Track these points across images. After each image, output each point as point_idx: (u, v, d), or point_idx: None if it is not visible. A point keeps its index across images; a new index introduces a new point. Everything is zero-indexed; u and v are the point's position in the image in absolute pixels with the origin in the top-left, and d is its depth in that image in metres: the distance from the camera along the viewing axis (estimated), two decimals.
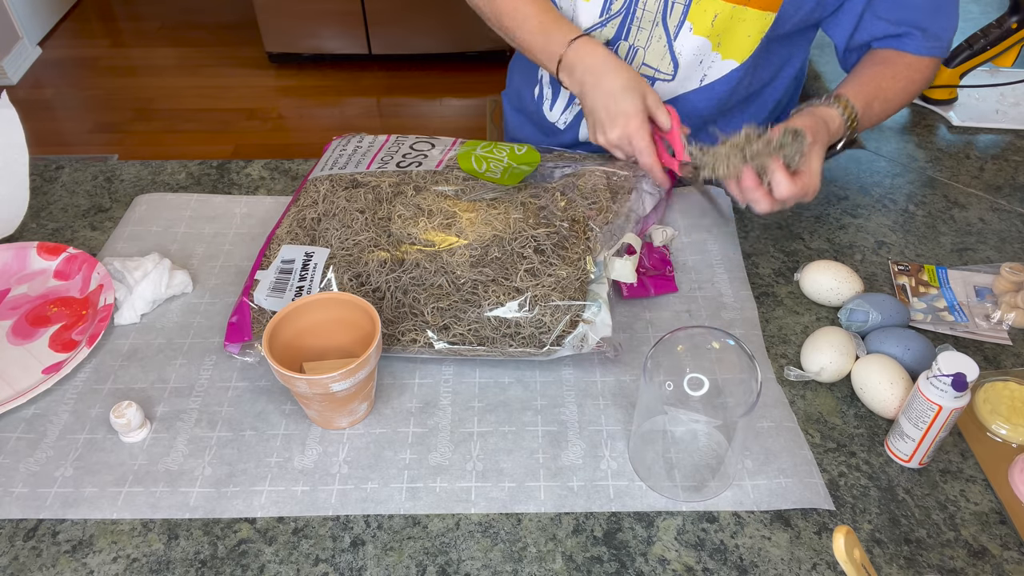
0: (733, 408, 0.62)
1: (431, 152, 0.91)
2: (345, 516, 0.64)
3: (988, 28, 1.08)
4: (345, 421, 0.70)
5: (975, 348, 0.78)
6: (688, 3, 0.85)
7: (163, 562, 0.61)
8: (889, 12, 0.86)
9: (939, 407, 0.61)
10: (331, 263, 0.77)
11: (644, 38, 0.90)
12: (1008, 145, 1.07)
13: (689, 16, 0.86)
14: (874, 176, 1.01)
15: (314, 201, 0.85)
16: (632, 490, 0.66)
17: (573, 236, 0.78)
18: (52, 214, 0.95)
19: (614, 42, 0.92)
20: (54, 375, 0.73)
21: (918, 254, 0.89)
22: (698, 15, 0.86)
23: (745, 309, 0.81)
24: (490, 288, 0.73)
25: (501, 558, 0.61)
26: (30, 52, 3.29)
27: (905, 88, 0.89)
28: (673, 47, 0.89)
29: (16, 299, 0.83)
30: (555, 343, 0.71)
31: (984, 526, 0.63)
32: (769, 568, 0.60)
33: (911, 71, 0.88)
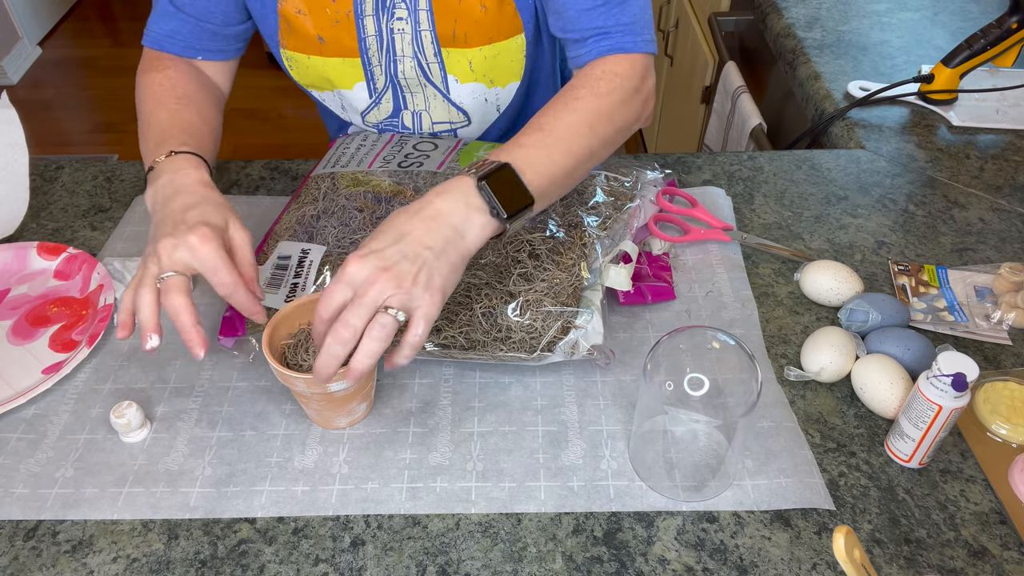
0: (733, 408, 0.62)
1: (433, 153, 0.91)
2: (345, 516, 0.64)
3: (988, 28, 1.08)
4: (344, 421, 0.70)
5: (975, 348, 0.78)
6: (440, 61, 0.85)
7: (163, 562, 0.61)
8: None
9: (939, 407, 0.61)
10: (327, 261, 0.77)
11: (421, 101, 0.91)
12: (1008, 145, 1.07)
13: (448, 70, 0.87)
14: (874, 176, 1.01)
15: (315, 199, 0.85)
16: (632, 490, 0.66)
17: (569, 242, 0.77)
18: (52, 214, 0.95)
19: (396, 113, 0.93)
20: (54, 375, 0.73)
21: (918, 254, 0.89)
22: (454, 67, 0.86)
23: (745, 309, 0.81)
24: (483, 291, 0.73)
25: (501, 558, 0.61)
26: (30, 52, 3.29)
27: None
28: (451, 100, 0.90)
29: (16, 299, 0.83)
30: (546, 349, 0.71)
31: (984, 526, 0.63)
32: (769, 568, 0.60)
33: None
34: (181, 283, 0.62)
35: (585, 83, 0.74)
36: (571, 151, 0.69)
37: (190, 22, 0.84)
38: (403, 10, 0.82)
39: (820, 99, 1.19)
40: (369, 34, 0.84)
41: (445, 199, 0.63)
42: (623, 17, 0.76)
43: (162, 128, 0.76)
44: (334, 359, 0.59)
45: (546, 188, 0.67)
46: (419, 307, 0.59)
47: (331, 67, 0.88)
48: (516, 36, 0.85)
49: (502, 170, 0.64)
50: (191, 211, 0.65)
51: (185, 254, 0.62)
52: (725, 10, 1.73)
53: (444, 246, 0.61)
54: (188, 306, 0.62)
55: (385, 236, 0.61)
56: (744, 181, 1.00)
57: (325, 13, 0.83)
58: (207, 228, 0.63)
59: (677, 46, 2.09)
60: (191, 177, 0.70)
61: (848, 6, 1.41)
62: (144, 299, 0.62)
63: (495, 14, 0.82)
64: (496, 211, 0.63)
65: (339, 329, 0.58)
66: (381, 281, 0.58)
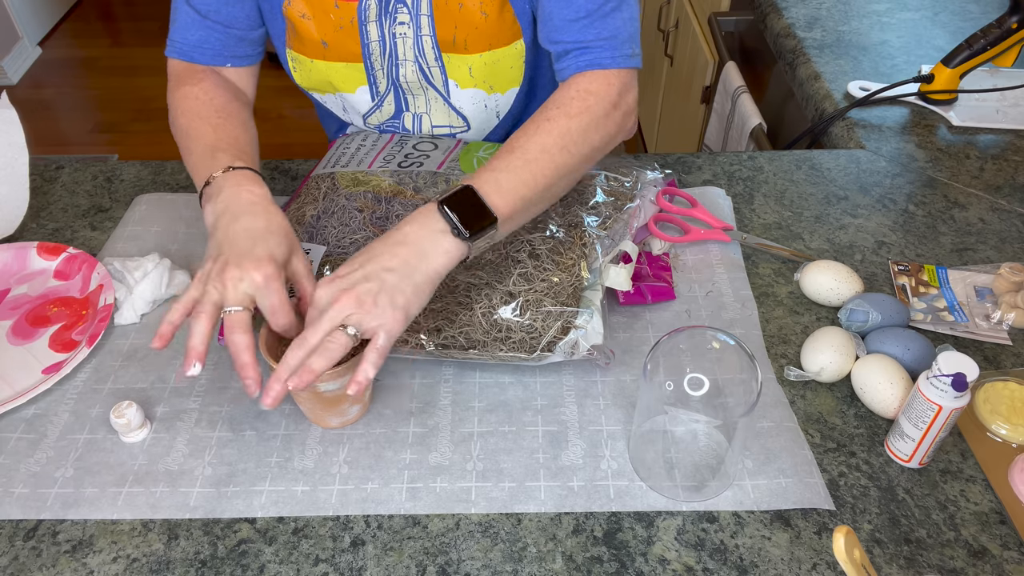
0: (733, 408, 0.62)
1: (433, 153, 0.91)
2: (345, 516, 0.64)
3: (988, 28, 1.08)
4: (336, 421, 0.70)
5: (975, 348, 0.78)
6: (441, 65, 0.86)
7: (163, 562, 0.61)
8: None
9: (939, 407, 0.61)
10: (327, 261, 0.77)
11: (423, 104, 0.91)
12: (1008, 145, 1.07)
13: (448, 75, 0.87)
14: (874, 176, 1.01)
15: (315, 198, 0.85)
16: (632, 490, 0.66)
17: (569, 241, 0.77)
18: (52, 214, 0.95)
19: (398, 115, 0.93)
20: (54, 375, 0.73)
21: (918, 254, 0.89)
22: (455, 72, 0.87)
23: (745, 309, 0.81)
24: (483, 291, 0.73)
25: (501, 558, 0.61)
26: (30, 52, 3.29)
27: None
28: (452, 104, 0.91)
29: (16, 299, 0.83)
30: (546, 349, 0.71)
31: (984, 526, 0.63)
32: (769, 568, 0.60)
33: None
34: (245, 320, 0.63)
35: (559, 103, 0.75)
36: (542, 172, 0.71)
37: (217, 29, 0.83)
38: (405, 14, 0.82)
39: (820, 99, 1.19)
40: (372, 39, 0.84)
41: (411, 225, 0.66)
42: (604, 31, 0.77)
43: (209, 142, 0.75)
44: (287, 369, 0.60)
45: (516, 207, 0.69)
46: (380, 324, 0.61)
47: (334, 71, 0.88)
48: (515, 42, 0.85)
49: (463, 192, 0.67)
50: (259, 242, 0.65)
51: (249, 289, 0.63)
52: (725, 10, 1.73)
53: (407, 268, 0.63)
54: (251, 345, 0.62)
55: (353, 262, 0.64)
56: (744, 181, 1.00)
57: (329, 19, 0.83)
58: (272, 265, 0.64)
59: (677, 46, 2.09)
60: (255, 195, 0.70)
61: (848, 6, 1.41)
62: (202, 327, 0.62)
63: (495, 20, 0.82)
64: (458, 231, 0.65)
65: (297, 343, 0.61)
66: (341, 301, 0.61)
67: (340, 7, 0.82)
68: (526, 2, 0.82)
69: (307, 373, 0.60)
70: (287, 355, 0.60)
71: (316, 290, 0.63)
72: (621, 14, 0.77)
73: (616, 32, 0.77)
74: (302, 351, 0.60)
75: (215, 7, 0.82)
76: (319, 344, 0.61)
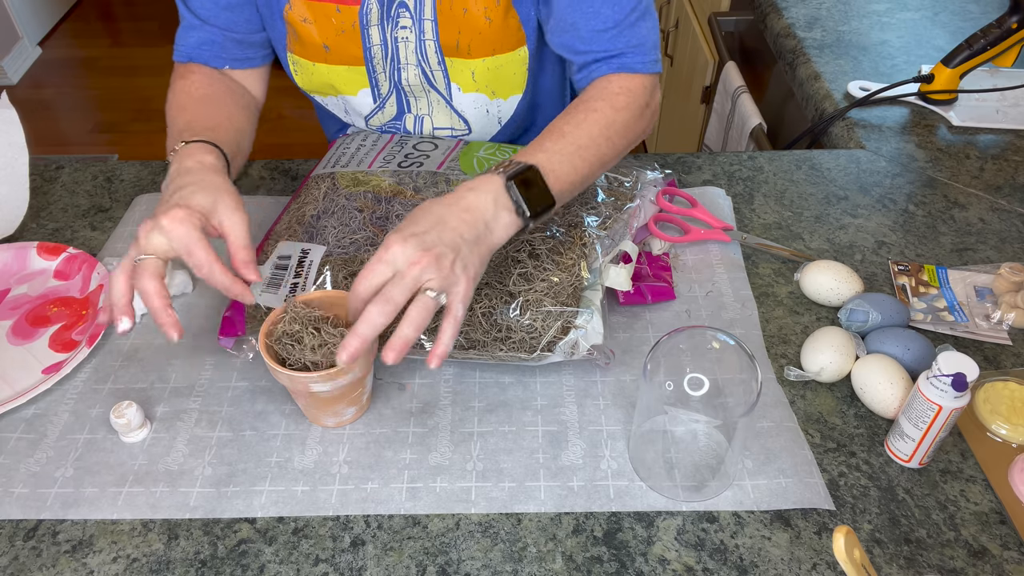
0: (733, 408, 0.62)
1: (433, 153, 0.91)
2: (345, 516, 0.64)
3: (988, 28, 1.08)
4: (331, 421, 0.70)
5: (975, 348, 0.78)
6: (444, 68, 0.86)
7: (163, 562, 0.61)
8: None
9: (939, 407, 0.61)
10: (327, 261, 0.77)
11: (424, 106, 0.92)
12: (1008, 145, 1.07)
13: (451, 79, 0.87)
14: (874, 176, 1.01)
15: (315, 198, 0.85)
16: (632, 490, 0.66)
17: (569, 241, 0.77)
18: (52, 214, 0.95)
19: (400, 116, 0.93)
20: (54, 375, 0.73)
21: (918, 254, 0.89)
22: (458, 76, 0.87)
23: (745, 309, 0.81)
24: (483, 291, 0.73)
25: (501, 558, 0.61)
26: (30, 52, 3.29)
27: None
28: (454, 107, 0.91)
29: (16, 299, 0.83)
30: (546, 348, 0.71)
31: (984, 526, 0.63)
32: (769, 568, 0.60)
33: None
34: (152, 265, 0.62)
35: (603, 95, 0.77)
36: (588, 159, 0.72)
37: (216, 33, 0.84)
38: (407, 19, 0.82)
39: (820, 99, 1.19)
40: (374, 43, 0.84)
41: (476, 194, 0.65)
42: (633, 39, 0.79)
43: (183, 126, 0.77)
44: (373, 329, 0.59)
45: (564, 191, 0.70)
46: (456, 291, 0.61)
47: (336, 74, 0.88)
48: (519, 49, 0.85)
49: (529, 172, 0.67)
50: (176, 193, 0.65)
51: (158, 236, 0.62)
52: (725, 10, 1.73)
53: (476, 237, 0.63)
54: (158, 289, 0.61)
55: (424, 221, 0.62)
56: (744, 181, 1.00)
57: (331, 23, 0.83)
58: (181, 209, 0.63)
59: (677, 46, 2.09)
60: (194, 161, 0.70)
61: (848, 6, 1.41)
62: (115, 282, 0.62)
63: (499, 26, 0.82)
64: (521, 210, 0.66)
65: (381, 302, 0.59)
66: (424, 263, 0.59)
67: (342, 11, 0.82)
68: (531, 9, 0.82)
69: (402, 345, 0.59)
70: (369, 314, 0.58)
71: (389, 245, 0.60)
72: (646, 23, 0.80)
73: (643, 40, 0.80)
74: (388, 307, 0.58)
75: (213, 12, 0.83)
76: (403, 303, 0.59)
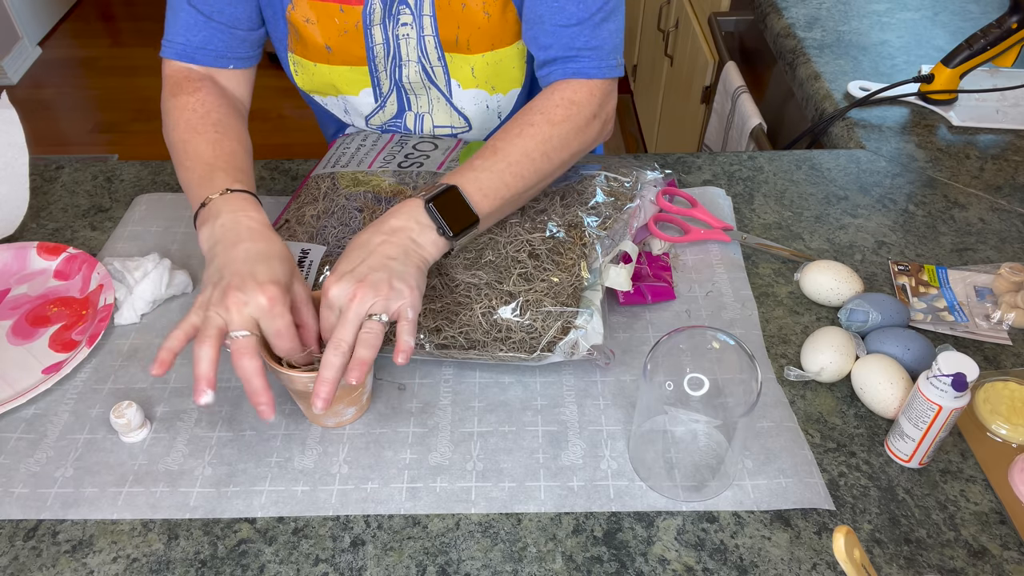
0: (733, 408, 0.62)
1: (433, 153, 0.91)
2: (345, 516, 0.64)
3: (988, 28, 1.08)
4: (331, 421, 0.70)
5: (975, 348, 0.78)
6: (444, 65, 0.86)
7: (163, 562, 0.61)
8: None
9: (939, 407, 0.61)
10: (327, 261, 0.77)
11: (425, 104, 0.92)
12: (1008, 145, 1.07)
13: (451, 75, 0.88)
14: (874, 176, 1.01)
15: (315, 198, 0.85)
16: (632, 490, 0.66)
17: (569, 242, 0.77)
18: (52, 214, 0.95)
19: (400, 114, 0.94)
20: (54, 375, 0.73)
21: (918, 254, 0.89)
22: (457, 72, 0.87)
23: (745, 309, 0.81)
24: (483, 291, 0.73)
25: (501, 558, 0.61)
26: (30, 52, 3.29)
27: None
28: (453, 104, 0.91)
29: (16, 299, 0.83)
30: (546, 349, 0.71)
31: (984, 526, 0.63)
32: (769, 568, 0.60)
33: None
34: (253, 345, 0.62)
35: (542, 109, 0.77)
36: (522, 175, 0.73)
37: (222, 30, 0.82)
38: (408, 16, 0.82)
39: (820, 99, 1.19)
40: (377, 43, 0.84)
41: (398, 218, 0.68)
42: (593, 40, 0.78)
43: (207, 160, 0.74)
44: (335, 371, 0.61)
45: (495, 208, 0.72)
46: (401, 303, 0.63)
47: (338, 75, 0.88)
48: (518, 42, 0.85)
49: (449, 192, 0.69)
50: (260, 265, 0.64)
51: (255, 313, 0.62)
52: (725, 10, 1.73)
53: (404, 254, 0.66)
54: (261, 370, 0.62)
55: (352, 256, 0.66)
56: (744, 181, 1.00)
57: (334, 23, 0.83)
58: (277, 289, 0.63)
59: (677, 46, 2.09)
60: (255, 221, 0.69)
61: (848, 6, 1.41)
62: (207, 354, 0.61)
63: (498, 21, 0.82)
64: (442, 230, 0.68)
65: (332, 345, 0.62)
66: (359, 294, 0.63)
67: (345, 11, 0.82)
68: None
69: (361, 366, 0.61)
70: (327, 357, 0.61)
71: (327, 290, 0.64)
72: (609, 25, 0.79)
73: (603, 42, 0.79)
74: (340, 350, 0.61)
75: (219, 7, 0.81)
76: (355, 339, 0.62)
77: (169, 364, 0.62)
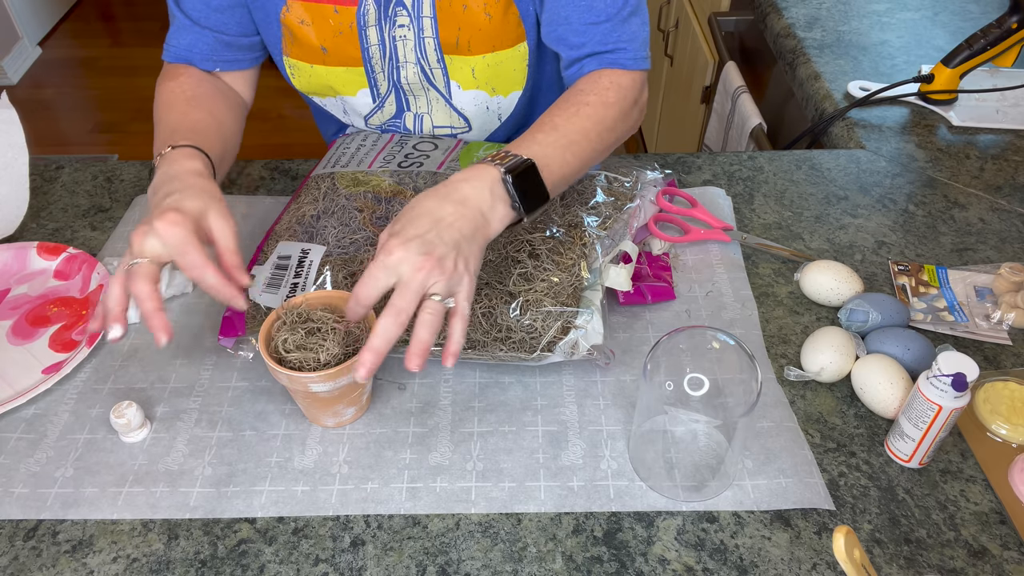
0: (733, 408, 0.62)
1: (433, 153, 0.91)
2: (345, 516, 0.64)
3: (988, 28, 1.08)
4: (331, 421, 0.70)
5: (975, 348, 0.78)
6: (444, 66, 0.86)
7: (163, 562, 0.61)
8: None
9: (939, 407, 0.61)
10: (327, 261, 0.77)
11: (424, 104, 0.92)
12: (1008, 145, 1.07)
13: (451, 76, 0.87)
14: (874, 176, 1.01)
15: (315, 198, 0.85)
16: (632, 490, 0.66)
17: (569, 241, 0.77)
18: (52, 214, 0.95)
19: (399, 115, 0.93)
20: (54, 375, 0.73)
21: (918, 254, 0.89)
22: (457, 73, 0.87)
23: (745, 309, 0.81)
24: (482, 291, 0.73)
25: (501, 558, 0.61)
26: (30, 52, 3.29)
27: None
28: (453, 104, 0.91)
29: (16, 299, 0.83)
30: (546, 349, 0.71)
31: (984, 526, 0.63)
32: (769, 568, 0.60)
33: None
34: (146, 269, 0.62)
35: (594, 90, 0.76)
36: (579, 154, 0.72)
37: (207, 34, 0.84)
38: (405, 17, 0.82)
39: (820, 99, 1.19)
40: (372, 43, 0.84)
41: (472, 185, 0.64)
42: (624, 35, 0.79)
43: (171, 128, 0.77)
44: (387, 342, 0.59)
45: (556, 185, 0.70)
46: (461, 290, 0.61)
47: (334, 76, 0.88)
48: (519, 44, 0.85)
49: (526, 166, 0.67)
50: (168, 198, 0.65)
51: (153, 240, 0.62)
52: (725, 10, 1.73)
53: (473, 231, 0.63)
54: (151, 293, 0.61)
55: (422, 220, 0.62)
56: (744, 181, 1.00)
57: (328, 24, 0.83)
58: (175, 213, 0.63)
59: (677, 46, 2.09)
60: (182, 167, 0.70)
61: (848, 6, 1.41)
62: (111, 289, 0.63)
63: (499, 22, 0.82)
64: (516, 205, 0.66)
65: (391, 314, 0.59)
66: (427, 267, 0.59)
67: (339, 12, 0.82)
68: (530, 4, 0.82)
69: (421, 348, 0.59)
70: (384, 324, 0.58)
71: (391, 251, 0.60)
72: (637, 18, 0.80)
73: (634, 36, 0.80)
74: (399, 318, 0.59)
75: (204, 13, 0.83)
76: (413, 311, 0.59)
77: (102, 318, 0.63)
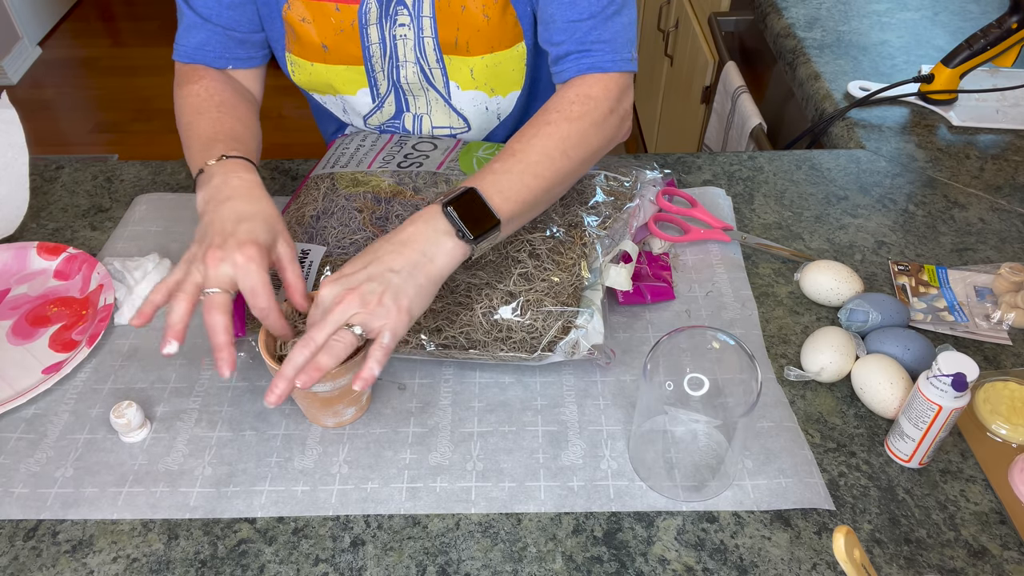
0: (733, 408, 0.62)
1: (433, 153, 0.91)
2: (345, 516, 0.64)
3: (988, 28, 1.08)
4: (331, 421, 0.70)
5: (975, 348, 0.78)
6: (443, 66, 0.86)
7: (163, 562, 0.61)
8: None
9: (939, 407, 0.61)
10: (327, 261, 0.77)
11: (423, 105, 0.92)
12: (1008, 145, 1.07)
13: (450, 76, 0.87)
14: (874, 176, 1.01)
15: (315, 199, 0.85)
16: (632, 490, 0.66)
17: (569, 241, 0.77)
18: (52, 214, 0.95)
19: (399, 115, 0.93)
20: (54, 375, 0.73)
21: (918, 254, 0.89)
22: (456, 74, 0.87)
23: (745, 309, 0.81)
24: (483, 291, 0.73)
25: (501, 558, 0.61)
26: (30, 52, 3.29)
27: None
28: (452, 105, 0.91)
29: (16, 299, 0.83)
30: (547, 348, 0.71)
31: (984, 526, 0.63)
32: (769, 568, 0.60)
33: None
34: (223, 302, 0.63)
35: (558, 106, 0.75)
36: (543, 175, 0.71)
37: (218, 32, 0.84)
38: (405, 16, 0.82)
39: (820, 99, 1.19)
40: (373, 42, 0.84)
41: (415, 225, 0.66)
42: (606, 33, 0.77)
43: (207, 135, 0.77)
44: (294, 368, 0.60)
45: (517, 210, 0.69)
46: (384, 324, 0.62)
47: (335, 74, 0.88)
48: (517, 45, 0.85)
49: (467, 195, 0.67)
50: (243, 224, 0.66)
51: (230, 271, 0.63)
52: (725, 10, 1.73)
53: (411, 269, 0.63)
54: (228, 327, 0.63)
55: (357, 261, 0.65)
56: (744, 181, 1.00)
57: (329, 22, 0.83)
58: (255, 248, 0.64)
59: (677, 46, 2.09)
60: (244, 180, 0.70)
61: (848, 6, 1.41)
62: (180, 306, 0.63)
63: (497, 23, 0.82)
64: (462, 233, 0.65)
65: (302, 343, 0.61)
66: (346, 301, 0.61)
67: (341, 10, 0.82)
68: (528, 5, 0.82)
69: (314, 371, 0.60)
70: (292, 353, 0.60)
71: (320, 289, 0.63)
72: (622, 18, 0.78)
73: (616, 36, 0.78)
74: (308, 349, 0.60)
75: (216, 11, 0.83)
76: (325, 343, 0.61)
77: (149, 317, 0.64)
